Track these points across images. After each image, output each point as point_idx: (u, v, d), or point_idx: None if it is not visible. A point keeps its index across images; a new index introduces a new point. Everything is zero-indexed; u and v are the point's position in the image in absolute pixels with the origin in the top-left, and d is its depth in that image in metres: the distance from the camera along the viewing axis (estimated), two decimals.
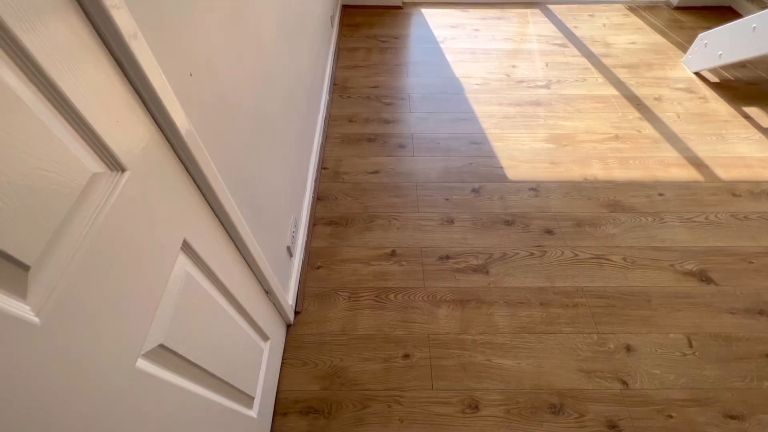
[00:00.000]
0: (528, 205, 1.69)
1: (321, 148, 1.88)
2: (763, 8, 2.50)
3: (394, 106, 2.15)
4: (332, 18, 2.44)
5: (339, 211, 1.67)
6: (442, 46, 2.56)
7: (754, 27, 1.99)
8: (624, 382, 1.23)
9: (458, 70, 2.37)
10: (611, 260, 1.52)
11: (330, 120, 2.06)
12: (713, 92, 2.23)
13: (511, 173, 1.82)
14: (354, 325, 1.35)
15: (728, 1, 2.88)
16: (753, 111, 2.12)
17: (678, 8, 2.91)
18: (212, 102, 0.73)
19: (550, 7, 2.93)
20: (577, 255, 1.53)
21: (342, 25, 2.74)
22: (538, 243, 1.57)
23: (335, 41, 2.50)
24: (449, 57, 2.47)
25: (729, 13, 2.81)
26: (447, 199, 1.71)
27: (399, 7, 2.91)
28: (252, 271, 0.97)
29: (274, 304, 1.17)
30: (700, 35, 2.31)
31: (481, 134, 2.00)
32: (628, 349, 1.30)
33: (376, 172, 1.81)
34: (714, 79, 2.32)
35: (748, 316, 1.37)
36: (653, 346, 1.31)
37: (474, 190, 1.75)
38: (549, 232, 1.60)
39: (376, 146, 1.93)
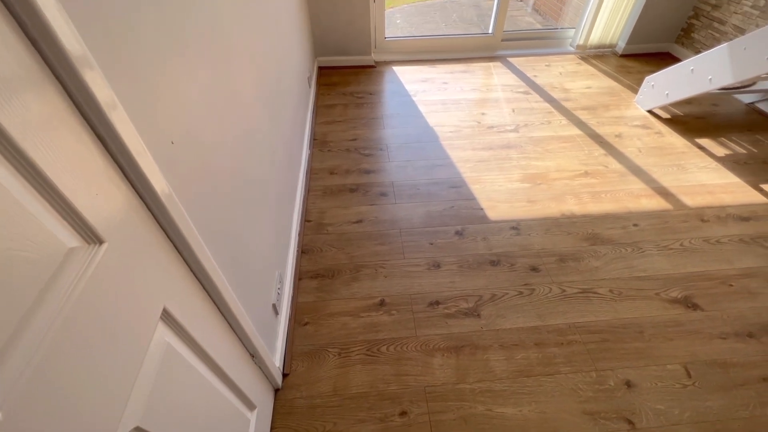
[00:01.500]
0: (511, 244, 1.72)
1: (304, 201, 1.90)
2: (697, 53, 2.80)
3: (373, 156, 2.22)
4: (309, 79, 2.58)
5: (324, 263, 1.65)
6: (414, 99, 2.71)
7: (692, 69, 2.22)
8: (630, 422, 1.19)
9: (432, 120, 2.50)
10: (598, 293, 1.53)
11: (311, 173, 2.10)
12: (667, 127, 2.41)
13: (492, 214, 1.86)
14: (346, 384, 1.28)
15: (666, 47, 3.22)
16: (705, 142, 2.29)
17: (623, 56, 3.22)
18: (194, 166, 0.74)
19: (510, 59, 3.19)
20: (564, 291, 1.54)
21: (319, 84, 2.89)
22: (526, 281, 1.57)
23: (313, 99, 2.63)
24: (422, 108, 2.61)
25: (668, 58, 3.13)
26: (432, 244, 1.72)
27: (372, 66, 3.11)
28: (236, 334, 0.93)
29: (260, 368, 1.11)
30: (647, 78, 2.55)
31: (459, 178, 2.07)
32: (629, 385, 1.27)
33: (360, 221, 1.83)
34: (665, 115, 2.52)
35: (739, 339, 1.38)
36: (653, 379, 1.28)
37: (457, 233, 1.77)
38: (534, 269, 1.62)
39: (358, 196, 1.96)
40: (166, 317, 0.63)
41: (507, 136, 2.36)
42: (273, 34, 1.54)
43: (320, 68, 3.09)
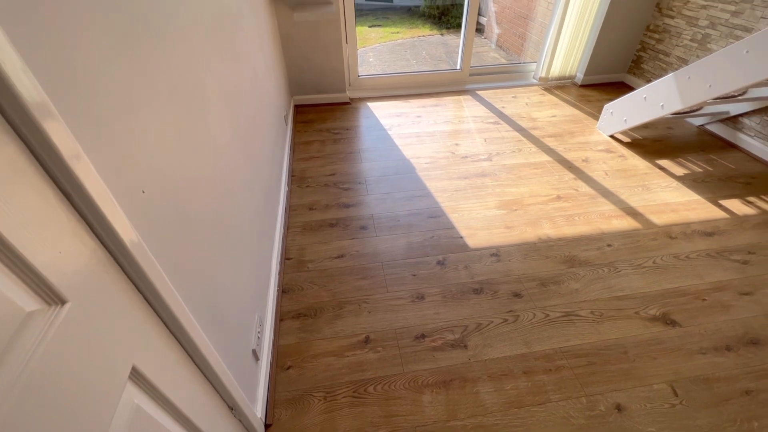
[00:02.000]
0: (492, 271, 1.73)
1: (283, 239, 1.88)
2: (648, 82, 3.02)
3: (352, 190, 2.24)
4: (286, 117, 2.63)
5: (306, 301, 1.61)
6: (390, 132, 2.79)
7: (645, 97, 2.39)
8: None
9: (408, 153, 2.56)
10: (581, 315, 1.54)
11: (290, 210, 2.09)
12: (629, 150, 2.56)
13: (471, 241, 1.89)
14: (333, 431, 1.21)
15: (620, 77, 3.47)
16: (665, 163, 2.43)
17: (582, 86, 3.45)
18: (167, 213, 0.73)
19: (479, 92, 3.35)
20: (548, 315, 1.55)
21: (296, 122, 2.94)
22: (509, 308, 1.57)
23: (290, 137, 2.66)
24: (398, 141, 2.68)
25: (623, 87, 3.36)
26: (414, 275, 1.72)
27: (347, 103, 3.21)
28: (214, 387, 0.88)
29: (240, 421, 1.04)
30: (606, 106, 2.72)
31: (438, 208, 2.10)
32: (619, 408, 1.26)
33: (341, 256, 1.81)
34: (626, 139, 2.68)
35: (718, 353, 1.41)
36: (641, 401, 1.28)
37: (439, 263, 1.78)
38: (517, 295, 1.63)
39: (339, 230, 1.95)
40: (136, 376, 0.59)
41: (481, 165, 2.44)
42: (248, 76, 1.57)
43: (296, 106, 3.15)
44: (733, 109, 2.54)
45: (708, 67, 2.02)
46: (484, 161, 2.47)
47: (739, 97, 2.32)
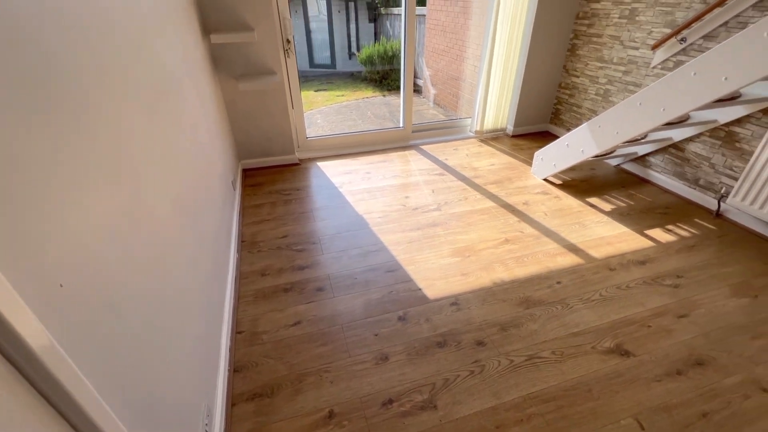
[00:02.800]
0: (454, 321, 1.72)
1: (234, 311, 1.75)
2: (568, 130, 3.40)
3: (306, 251, 2.19)
4: (234, 182, 2.59)
5: (262, 379, 1.48)
6: (341, 190, 2.83)
7: (567, 144, 2.67)
8: None
9: (360, 208, 2.60)
10: (543, 357, 1.56)
11: (241, 278, 1.98)
12: (562, 191, 2.79)
13: (430, 293, 1.89)
14: None
15: (545, 127, 3.88)
16: (594, 200, 2.67)
17: (514, 136, 3.80)
18: (91, 304, 0.65)
19: (423, 147, 3.57)
20: (512, 361, 1.54)
21: (244, 186, 2.90)
22: (474, 358, 1.55)
23: (239, 201, 2.60)
24: (349, 198, 2.72)
25: (548, 135, 3.76)
26: (376, 335, 1.66)
27: (297, 164, 3.25)
28: None
29: None
30: (536, 153, 3.00)
31: (394, 261, 2.10)
32: None
33: (298, 323, 1.72)
34: (558, 181, 2.93)
35: (671, 379, 1.47)
36: None
37: (400, 318, 1.74)
38: (480, 343, 1.62)
39: (294, 295, 1.87)
40: None
41: (431, 215, 2.52)
42: (190, 145, 1.55)
43: (245, 170, 3.13)
44: (640, 150, 2.91)
45: (613, 116, 2.33)
46: (434, 211, 2.56)
47: (642, 140, 2.67)
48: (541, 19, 3.23)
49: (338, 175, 3.05)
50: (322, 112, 6.35)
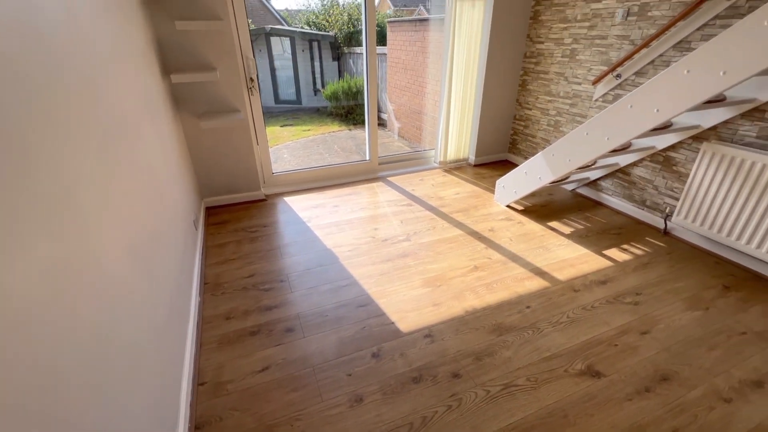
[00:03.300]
0: (428, 354, 1.69)
1: (195, 361, 1.63)
2: (526, 159, 3.59)
3: (274, 290, 2.11)
4: (196, 221, 2.49)
5: None
6: (309, 224, 2.80)
7: (525, 172, 2.81)
8: None
9: (329, 242, 2.57)
10: (519, 385, 1.55)
11: (204, 324, 1.87)
12: (524, 217, 2.91)
13: (403, 326, 1.86)
14: None
15: (504, 156, 4.08)
16: (554, 224, 2.80)
17: (476, 165, 3.96)
18: (21, 371, 0.58)
19: (390, 179, 3.63)
20: (489, 391, 1.52)
21: (208, 225, 2.80)
22: (451, 392, 1.52)
23: (202, 242, 2.50)
24: (318, 233, 2.69)
25: (508, 164, 3.95)
26: (350, 375, 1.59)
27: (263, 200, 3.19)
28: None
29: None
30: (498, 181, 3.13)
31: (365, 295, 2.07)
32: None
33: (266, 368, 1.62)
34: (520, 207, 3.06)
35: (641, 397, 1.50)
36: None
37: (374, 355, 1.69)
38: (456, 375, 1.59)
39: (261, 338, 1.78)
40: None
41: (401, 246, 2.53)
42: (146, 188, 1.49)
43: (208, 208, 3.04)
44: (592, 175, 3.11)
45: (564, 146, 2.49)
46: (403, 242, 2.58)
47: (592, 166, 2.87)
48: (493, 58, 3.48)
49: (306, 210, 3.02)
50: (289, 147, 6.37)
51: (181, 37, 2.48)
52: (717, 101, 2.05)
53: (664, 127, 2.32)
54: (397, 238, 2.62)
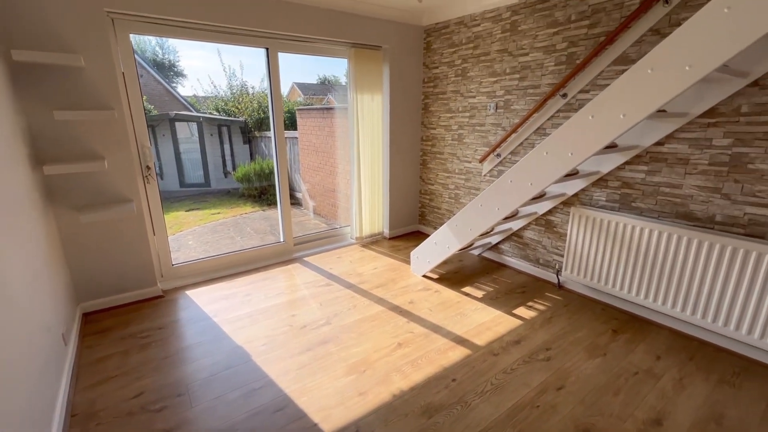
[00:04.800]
0: None
1: None
2: (435, 229, 3.84)
3: (169, 408, 1.76)
4: (66, 334, 2.05)
5: None
6: (216, 320, 2.50)
7: (435, 242, 2.98)
8: None
9: (240, 338, 2.30)
10: None
11: None
12: (440, 285, 3.02)
13: (328, 425, 1.66)
14: None
15: (415, 227, 4.33)
16: (468, 289, 2.94)
17: (391, 238, 4.11)
18: None
19: (306, 259, 3.53)
20: None
21: (83, 335, 2.32)
22: None
23: (73, 360, 2.03)
24: (226, 328, 2.41)
25: (420, 235, 4.17)
26: None
27: (160, 296, 2.81)
28: None
29: None
30: (412, 252, 3.25)
31: (283, 396, 1.84)
32: None
33: None
34: (435, 276, 3.18)
35: None
36: None
37: None
38: None
39: None
40: None
41: (321, 331, 2.38)
42: None
43: (86, 314, 2.55)
44: (493, 239, 3.43)
45: (465, 217, 2.74)
46: (323, 326, 2.44)
47: (491, 233, 3.18)
48: (395, 142, 3.85)
49: (213, 302, 2.72)
50: (195, 233, 5.92)
51: (61, 127, 2.26)
52: (572, 174, 2.50)
53: (540, 196, 2.73)
54: (317, 323, 2.47)
